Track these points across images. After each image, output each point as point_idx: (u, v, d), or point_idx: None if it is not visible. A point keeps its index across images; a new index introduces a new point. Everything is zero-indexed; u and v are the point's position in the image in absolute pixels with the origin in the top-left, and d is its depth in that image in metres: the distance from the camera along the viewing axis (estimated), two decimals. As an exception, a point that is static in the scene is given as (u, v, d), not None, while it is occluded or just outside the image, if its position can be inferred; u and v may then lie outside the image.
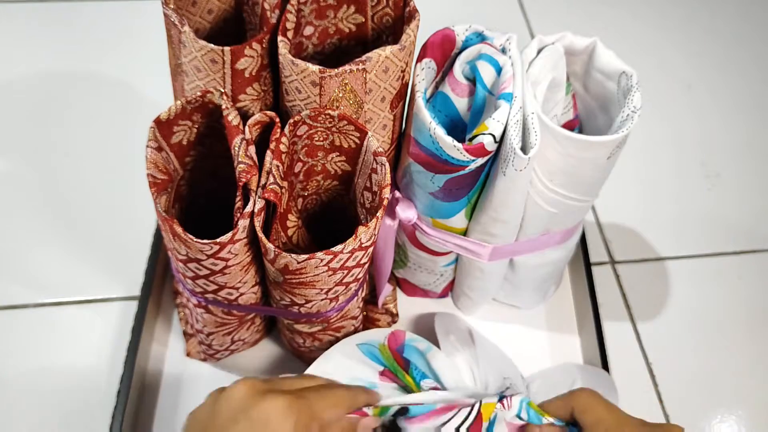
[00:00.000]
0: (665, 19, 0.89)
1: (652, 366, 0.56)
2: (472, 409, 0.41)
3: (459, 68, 0.43)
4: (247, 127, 0.39)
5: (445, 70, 0.45)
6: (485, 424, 0.40)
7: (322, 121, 0.40)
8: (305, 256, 0.36)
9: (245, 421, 0.31)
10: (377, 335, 0.48)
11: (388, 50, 0.38)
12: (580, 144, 0.40)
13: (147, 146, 0.38)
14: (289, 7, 0.40)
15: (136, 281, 0.55)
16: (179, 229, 0.35)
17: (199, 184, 0.44)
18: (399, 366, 0.46)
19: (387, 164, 0.38)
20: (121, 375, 0.47)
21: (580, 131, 0.48)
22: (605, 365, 0.51)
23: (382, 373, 0.45)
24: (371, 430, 0.39)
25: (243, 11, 0.46)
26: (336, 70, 0.37)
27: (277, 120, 0.40)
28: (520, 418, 0.40)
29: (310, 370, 0.44)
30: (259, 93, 0.42)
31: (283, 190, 0.40)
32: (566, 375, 0.51)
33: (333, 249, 0.36)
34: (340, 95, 0.39)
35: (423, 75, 0.42)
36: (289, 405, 0.31)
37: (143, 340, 0.50)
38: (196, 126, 0.41)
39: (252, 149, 0.38)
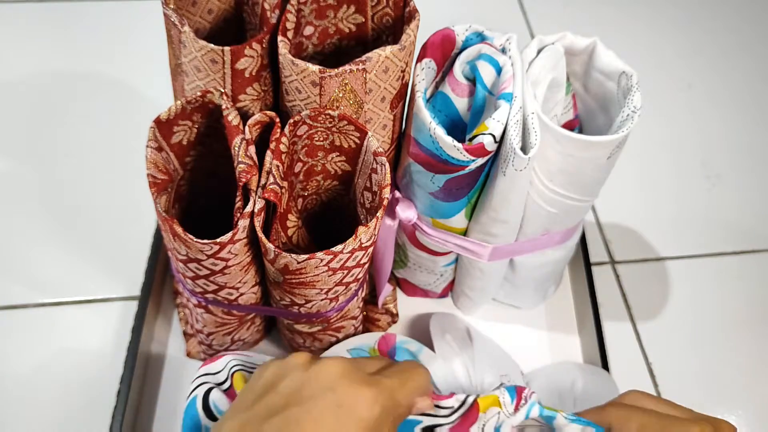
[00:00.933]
0: (665, 19, 0.89)
1: (652, 366, 0.56)
2: (466, 399, 0.39)
3: (459, 68, 0.43)
4: (247, 127, 0.39)
5: (445, 70, 0.45)
6: (483, 418, 0.38)
7: (322, 121, 0.40)
8: (305, 256, 0.36)
9: (331, 400, 0.31)
10: (368, 339, 0.48)
11: (388, 50, 0.38)
12: (580, 144, 0.40)
13: (147, 146, 0.38)
14: (289, 7, 0.40)
15: (136, 281, 0.55)
16: (179, 229, 0.35)
17: (199, 184, 0.44)
18: None
19: (387, 164, 0.38)
20: (121, 375, 0.47)
21: (580, 131, 0.48)
22: (605, 365, 0.51)
23: None
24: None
25: (243, 11, 0.46)
26: (336, 70, 0.37)
27: (277, 120, 0.40)
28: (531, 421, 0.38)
29: None
30: (259, 93, 0.42)
31: (283, 190, 0.40)
32: (566, 374, 0.51)
33: (333, 249, 0.36)
34: (340, 95, 0.39)
35: (423, 75, 0.42)
36: (375, 397, 0.32)
37: (143, 340, 0.50)
38: (196, 126, 0.41)
39: (252, 149, 0.38)
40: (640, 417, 0.36)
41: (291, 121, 0.39)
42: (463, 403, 0.38)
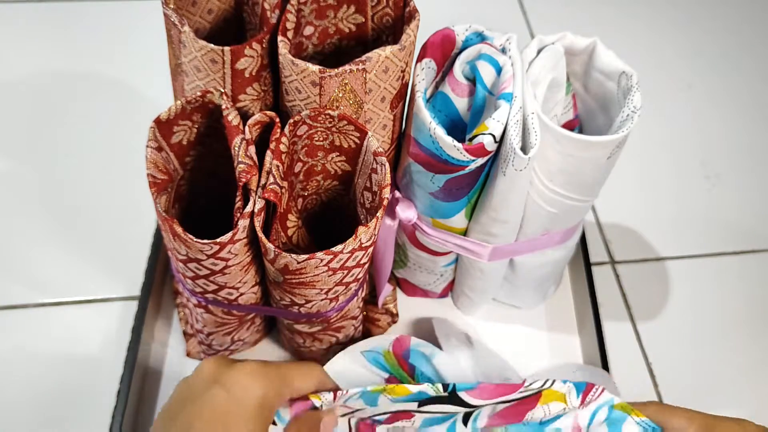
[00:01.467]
0: (665, 19, 0.89)
1: (652, 366, 0.56)
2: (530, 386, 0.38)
3: (459, 68, 0.43)
4: (247, 127, 0.39)
5: (445, 70, 0.45)
6: (543, 410, 0.38)
7: (322, 121, 0.40)
8: (305, 256, 0.36)
9: (217, 387, 0.32)
10: (382, 342, 0.48)
11: (388, 50, 0.38)
12: (580, 144, 0.40)
13: (147, 146, 0.38)
14: (289, 7, 0.40)
15: (136, 281, 0.55)
16: (179, 229, 0.35)
17: (199, 184, 0.44)
18: (404, 372, 0.45)
19: (387, 164, 0.38)
20: (121, 375, 0.47)
21: (580, 131, 0.48)
22: (605, 365, 0.51)
23: (387, 380, 0.45)
24: (331, 429, 0.39)
25: (243, 11, 0.46)
26: (336, 70, 0.37)
27: (277, 120, 0.40)
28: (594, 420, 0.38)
29: None
30: (259, 93, 0.42)
31: (283, 190, 0.40)
32: (566, 375, 0.51)
33: (333, 249, 0.36)
34: (340, 95, 0.39)
35: (423, 75, 0.42)
36: (257, 369, 0.33)
37: (143, 340, 0.50)
38: (196, 126, 0.41)
39: (252, 149, 0.38)
40: (699, 419, 0.37)
41: (291, 121, 0.39)
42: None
